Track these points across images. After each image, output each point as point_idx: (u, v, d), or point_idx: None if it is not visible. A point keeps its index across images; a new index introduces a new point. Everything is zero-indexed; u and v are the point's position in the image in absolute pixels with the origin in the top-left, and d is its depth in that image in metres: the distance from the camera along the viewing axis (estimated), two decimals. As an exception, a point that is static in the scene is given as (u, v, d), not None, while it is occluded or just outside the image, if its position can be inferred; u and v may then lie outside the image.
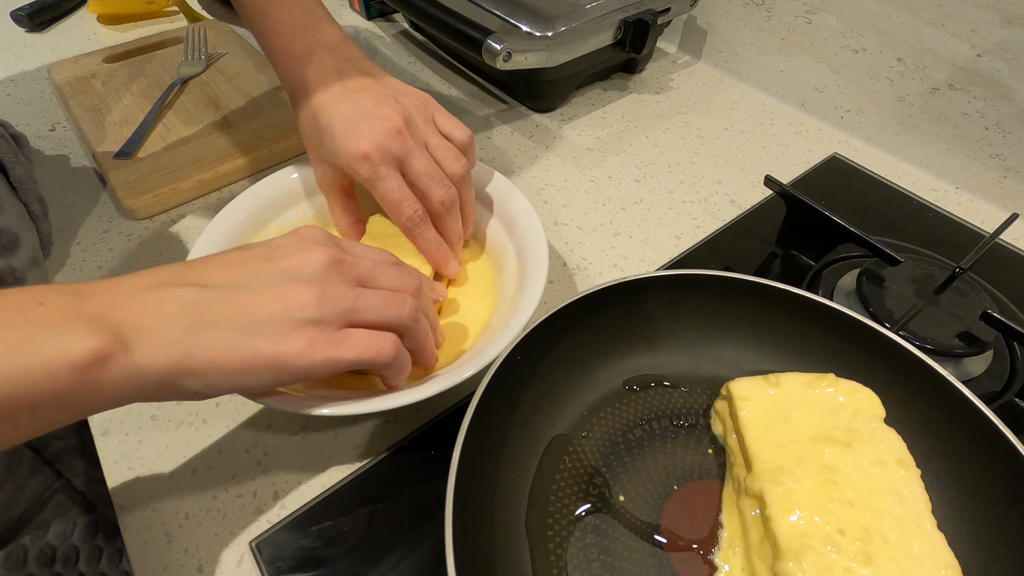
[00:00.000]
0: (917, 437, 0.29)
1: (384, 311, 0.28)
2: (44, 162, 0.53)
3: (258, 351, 0.24)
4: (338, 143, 0.35)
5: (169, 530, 0.32)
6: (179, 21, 0.72)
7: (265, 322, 0.25)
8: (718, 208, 0.51)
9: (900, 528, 0.25)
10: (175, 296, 0.24)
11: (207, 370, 0.24)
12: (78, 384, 0.21)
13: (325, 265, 0.27)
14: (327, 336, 0.26)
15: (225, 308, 0.25)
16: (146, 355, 0.23)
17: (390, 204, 0.36)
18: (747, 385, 0.30)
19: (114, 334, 0.22)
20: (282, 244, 0.28)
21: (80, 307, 0.22)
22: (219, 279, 0.26)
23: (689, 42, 0.69)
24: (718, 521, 0.28)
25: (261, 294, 0.25)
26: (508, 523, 0.28)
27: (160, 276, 0.25)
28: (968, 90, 0.50)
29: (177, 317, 0.24)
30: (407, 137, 0.36)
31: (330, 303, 0.26)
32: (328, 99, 0.37)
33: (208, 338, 0.24)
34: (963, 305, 0.40)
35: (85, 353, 0.21)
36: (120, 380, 0.22)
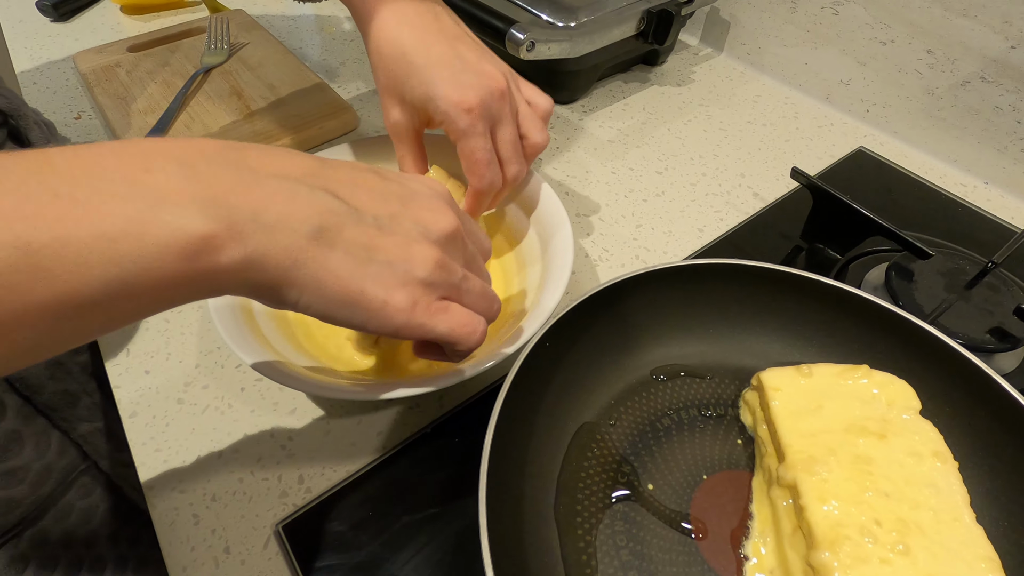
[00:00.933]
0: (954, 430, 0.29)
1: (480, 301, 0.27)
2: (70, 149, 0.53)
3: (365, 290, 0.23)
4: (438, 87, 0.34)
5: (196, 511, 0.32)
6: (201, 11, 0.73)
7: (383, 265, 0.23)
8: (741, 201, 0.51)
9: (937, 520, 0.24)
10: (305, 197, 0.22)
11: (310, 287, 0.22)
12: (185, 271, 0.19)
13: (451, 234, 0.26)
14: (429, 302, 0.25)
15: (352, 233, 0.23)
16: (260, 252, 0.21)
17: (476, 163, 0.35)
18: (779, 375, 0.30)
19: (229, 222, 0.20)
20: (419, 192, 0.26)
21: (195, 181, 0.20)
22: (353, 199, 0.24)
23: (711, 34, 0.68)
24: (748, 511, 0.28)
25: (390, 236, 0.24)
26: (537, 510, 0.27)
27: (287, 164, 0.23)
28: (1000, 83, 0.49)
29: (303, 221, 0.22)
30: (507, 101, 0.35)
31: (445, 272, 0.25)
32: (425, 38, 0.35)
33: (326, 256, 0.22)
34: (995, 300, 0.39)
35: (196, 238, 0.19)
36: (227, 271, 0.20)
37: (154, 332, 0.40)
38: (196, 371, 0.38)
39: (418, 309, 0.24)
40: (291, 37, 0.69)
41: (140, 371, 0.38)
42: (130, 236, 0.18)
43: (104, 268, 0.18)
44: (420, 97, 0.35)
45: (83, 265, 0.18)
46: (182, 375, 0.37)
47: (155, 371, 0.38)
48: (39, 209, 0.17)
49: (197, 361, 0.38)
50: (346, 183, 0.24)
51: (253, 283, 0.22)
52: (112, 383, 0.37)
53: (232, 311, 0.33)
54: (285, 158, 0.23)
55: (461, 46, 0.35)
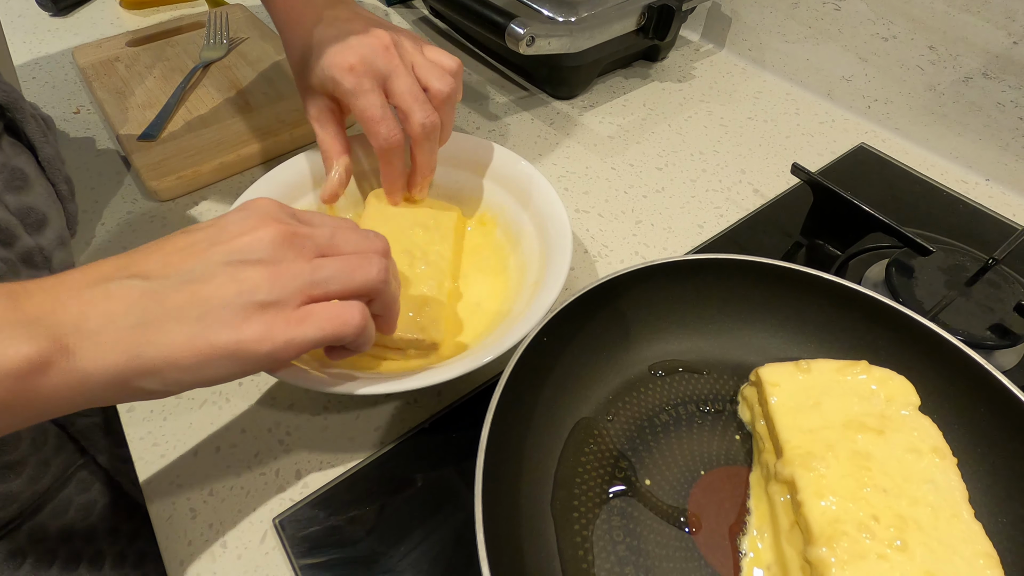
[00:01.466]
0: (953, 427, 0.28)
1: (349, 277, 0.26)
2: (69, 144, 0.53)
3: (214, 342, 0.23)
4: (324, 58, 0.35)
5: (194, 506, 0.32)
6: (200, 6, 0.73)
7: (219, 310, 0.23)
8: (741, 197, 0.51)
9: (935, 516, 0.24)
10: (118, 291, 0.22)
11: (162, 368, 0.22)
12: (16, 393, 0.20)
13: (276, 241, 0.25)
14: (285, 317, 0.24)
15: (174, 299, 0.23)
16: (90, 358, 0.21)
17: (369, 120, 0.35)
18: (777, 371, 0.29)
19: (53, 338, 0.20)
20: (229, 223, 0.25)
21: (16, 309, 0.21)
22: (164, 269, 0.24)
23: (712, 30, 0.68)
24: (746, 507, 0.28)
25: (210, 281, 0.23)
26: (534, 504, 0.27)
27: (102, 270, 0.23)
28: (1003, 79, 0.49)
29: (123, 314, 0.22)
30: (394, 54, 0.35)
31: (284, 281, 0.24)
32: (319, 28, 0.37)
33: (159, 334, 0.22)
34: (996, 297, 0.39)
35: (21, 361, 0.20)
36: (64, 387, 0.21)
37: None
38: (194, 366, 0.38)
39: (276, 329, 0.24)
40: (291, 32, 0.69)
41: (138, 365, 0.37)
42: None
43: None
44: (315, 75, 0.36)
45: None
46: (180, 369, 0.37)
47: (153, 365, 0.38)
48: None
49: (195, 356, 0.38)
50: (153, 260, 0.24)
51: (101, 387, 0.22)
52: (110, 377, 0.37)
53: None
54: (100, 266, 0.24)
55: (351, 24, 0.37)
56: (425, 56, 0.38)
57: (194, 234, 0.25)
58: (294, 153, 0.44)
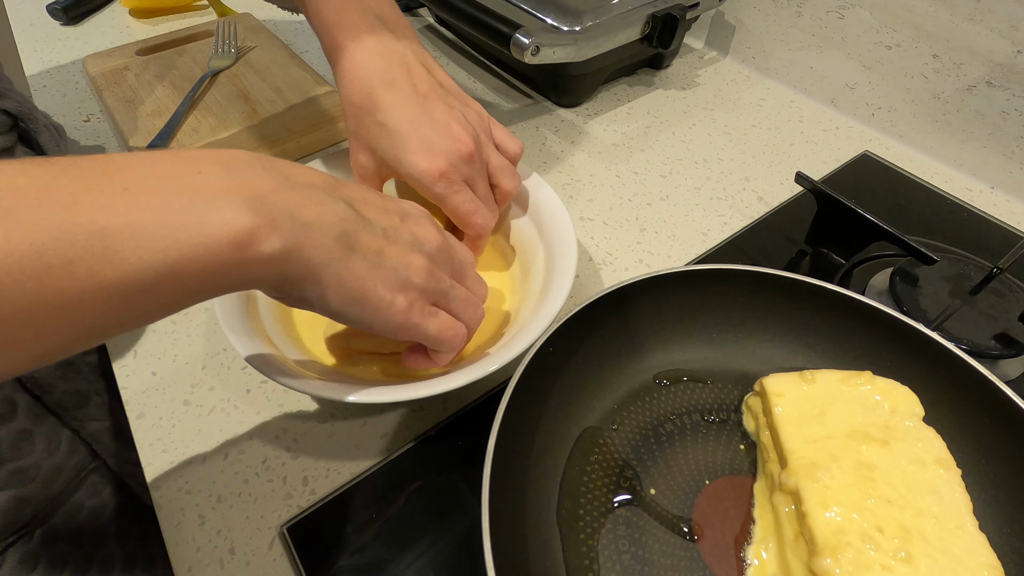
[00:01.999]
0: (957, 438, 0.29)
1: (465, 309, 0.31)
2: (79, 152, 0.54)
3: (377, 290, 0.26)
4: (409, 155, 0.35)
5: (202, 512, 0.32)
6: (208, 15, 0.73)
7: (390, 270, 0.27)
8: (745, 205, 0.51)
9: (940, 527, 0.24)
10: (331, 204, 0.25)
11: (330, 284, 0.25)
12: (232, 259, 0.22)
13: (439, 247, 0.29)
14: (423, 305, 0.28)
15: (368, 240, 0.26)
16: (297, 246, 0.23)
17: (464, 215, 0.37)
18: (781, 381, 0.30)
19: (271, 217, 0.22)
20: (410, 211, 0.30)
21: (239, 184, 0.23)
22: (366, 211, 0.27)
23: (716, 38, 0.68)
24: (750, 516, 0.28)
25: (394, 245, 0.27)
26: (539, 513, 0.28)
27: (312, 176, 0.26)
28: (1007, 87, 0.49)
29: (331, 225, 0.25)
30: (476, 163, 0.36)
31: (435, 280, 0.29)
32: (395, 97, 0.35)
33: (348, 257, 0.25)
34: (1000, 306, 0.39)
35: (244, 230, 0.21)
36: (267, 261, 0.23)
37: (161, 334, 0.40)
38: (202, 373, 0.38)
39: (414, 311, 0.28)
40: (298, 41, 0.69)
41: (147, 372, 0.38)
42: (188, 226, 0.21)
43: (165, 253, 0.20)
44: (390, 158, 0.36)
45: (147, 250, 0.20)
46: (188, 377, 0.38)
47: (162, 372, 0.38)
48: (111, 201, 0.20)
49: (203, 363, 0.39)
50: (358, 198, 0.27)
51: (287, 275, 0.24)
52: (119, 384, 0.37)
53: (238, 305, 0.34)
54: (308, 171, 0.26)
55: (431, 104, 0.36)
56: (493, 140, 0.39)
57: (385, 202, 0.29)
58: (302, 161, 0.45)
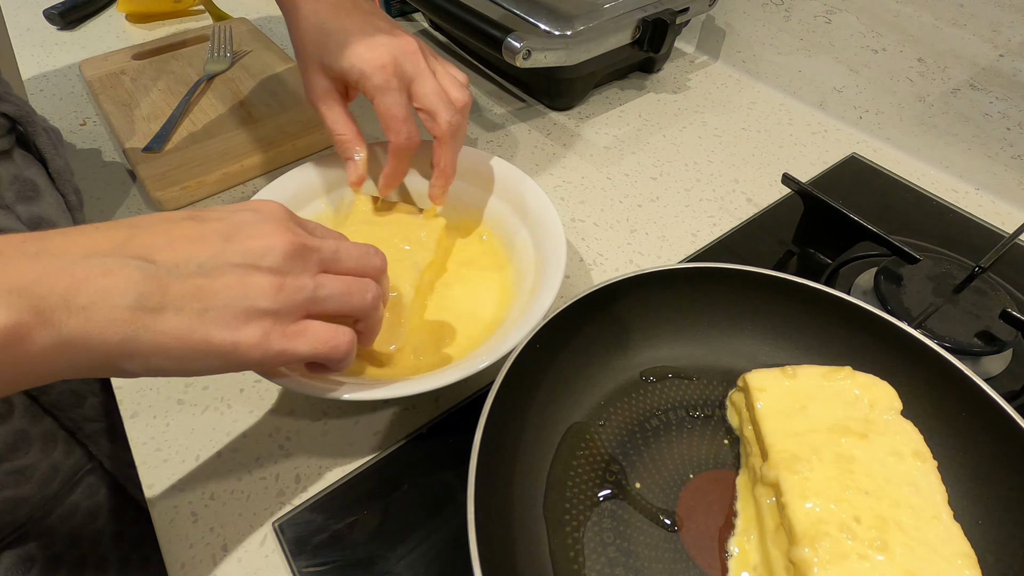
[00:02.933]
0: (935, 431, 0.29)
1: (347, 300, 0.27)
2: (76, 156, 0.54)
3: (211, 338, 0.23)
4: (353, 47, 0.36)
5: (195, 509, 0.32)
6: (204, 20, 0.74)
7: (221, 309, 0.23)
8: (735, 206, 0.52)
9: (916, 517, 0.25)
10: (119, 271, 0.22)
11: (150, 354, 0.22)
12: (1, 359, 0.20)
13: (287, 252, 0.25)
14: (283, 328, 0.25)
15: (177, 289, 0.23)
16: (79, 333, 0.21)
17: (393, 118, 0.36)
18: (764, 376, 0.30)
19: (36, 310, 0.20)
20: (243, 222, 0.25)
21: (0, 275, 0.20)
22: (171, 254, 0.23)
23: (707, 42, 0.69)
24: (733, 509, 0.29)
25: (219, 278, 0.23)
26: (526, 507, 0.28)
27: (98, 242, 0.23)
28: (990, 90, 0.50)
29: (121, 294, 0.21)
30: (420, 59, 0.37)
31: (289, 294, 0.25)
32: (339, 12, 0.37)
33: (157, 321, 0.22)
34: (982, 304, 0.40)
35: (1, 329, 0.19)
36: (43, 356, 0.20)
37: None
38: (197, 372, 0.38)
39: (272, 339, 0.24)
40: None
41: (142, 372, 0.38)
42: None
43: None
44: (338, 61, 0.36)
45: None
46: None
47: (157, 372, 0.38)
48: None
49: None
50: (160, 242, 0.24)
51: (82, 363, 0.22)
52: (114, 384, 0.38)
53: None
54: (91, 235, 0.23)
55: (373, 19, 0.37)
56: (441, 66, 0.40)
57: (205, 223, 0.25)
58: (296, 164, 0.45)
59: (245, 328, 0.24)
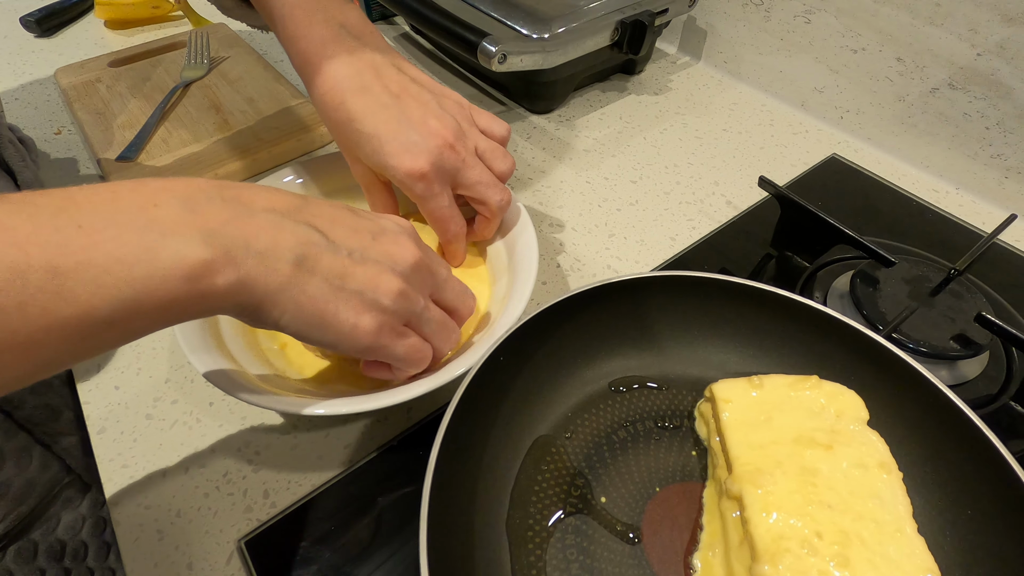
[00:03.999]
0: (902, 441, 0.29)
1: (439, 334, 0.31)
2: (50, 165, 0.54)
3: (339, 313, 0.26)
4: (389, 157, 0.35)
5: (161, 527, 0.32)
6: (184, 26, 0.74)
7: (354, 292, 0.26)
8: (714, 209, 0.51)
9: (879, 531, 0.24)
10: (290, 229, 0.25)
11: (289, 308, 0.25)
12: (188, 292, 0.22)
13: (415, 266, 0.29)
14: (392, 327, 0.28)
15: (329, 262, 0.26)
16: (250, 275, 0.24)
17: (438, 220, 0.37)
18: (730, 387, 0.30)
19: (225, 249, 0.23)
20: (387, 228, 0.29)
21: (194, 213, 0.23)
22: (331, 232, 0.27)
23: (689, 43, 0.69)
24: (699, 523, 0.28)
25: (361, 266, 0.27)
26: (488, 523, 0.28)
27: (275, 201, 0.26)
28: (968, 90, 0.49)
29: (288, 250, 0.25)
30: (459, 151, 0.36)
31: (407, 301, 0.28)
32: (368, 103, 0.35)
33: (306, 281, 0.25)
34: (958, 307, 0.39)
35: (198, 263, 0.22)
36: (223, 292, 0.23)
37: (125, 347, 0.40)
38: (166, 386, 0.38)
39: (383, 333, 0.28)
40: (272, 51, 0.70)
41: (110, 386, 0.38)
42: (143, 261, 0.21)
43: (120, 289, 0.21)
44: (375, 164, 0.36)
45: (102, 286, 0.20)
46: (152, 390, 0.38)
47: (125, 386, 0.38)
48: (66, 238, 0.20)
49: (167, 376, 0.39)
50: (325, 219, 0.27)
51: (243, 303, 0.24)
52: (82, 399, 0.37)
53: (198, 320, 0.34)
54: (273, 195, 0.26)
55: (405, 104, 0.36)
56: (477, 126, 0.39)
57: (359, 219, 0.29)
58: (273, 171, 0.45)
59: (367, 315, 0.27)
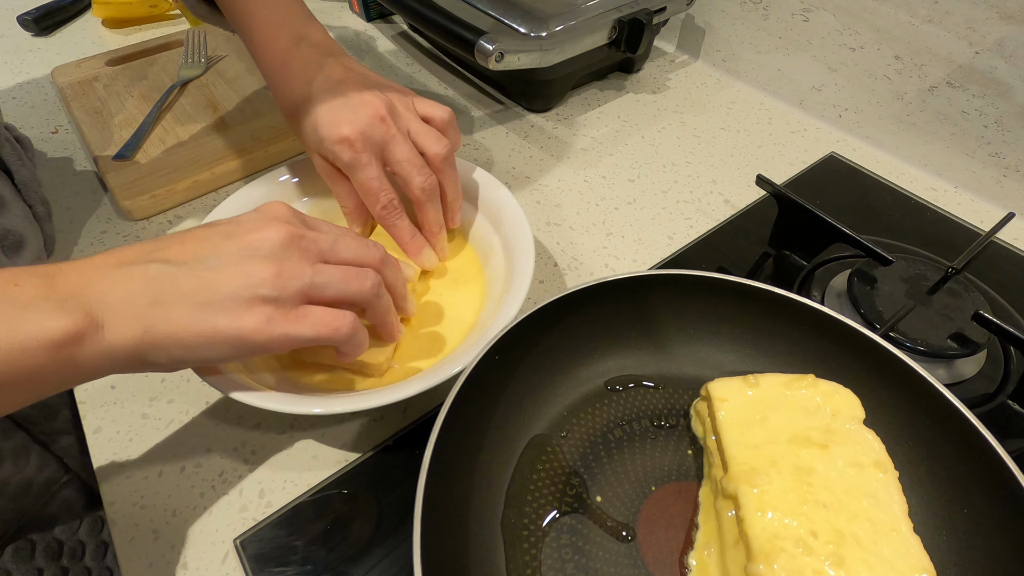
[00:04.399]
0: (898, 440, 0.29)
1: (344, 287, 0.28)
2: (47, 164, 0.54)
3: (216, 326, 0.25)
4: (321, 129, 0.36)
5: (156, 527, 0.32)
6: (182, 24, 0.73)
7: (225, 298, 0.26)
8: (712, 208, 0.51)
9: (874, 531, 0.24)
10: (140, 273, 0.25)
11: (168, 344, 0.25)
12: (55, 361, 0.23)
13: (284, 241, 0.27)
14: (284, 313, 0.26)
15: (186, 283, 0.25)
16: (114, 330, 0.24)
17: (367, 192, 0.37)
18: (726, 386, 0.30)
19: (85, 312, 0.23)
20: (244, 220, 0.28)
21: (53, 287, 0.23)
22: (183, 255, 0.26)
23: (687, 41, 0.69)
24: (694, 522, 0.28)
25: (221, 270, 0.26)
26: (483, 523, 0.28)
27: (127, 254, 0.26)
28: (966, 88, 0.49)
29: (141, 293, 0.25)
30: (390, 123, 0.36)
31: (287, 280, 0.27)
32: (311, 91, 0.37)
33: (169, 313, 0.25)
34: (955, 306, 0.39)
35: (60, 332, 0.22)
36: (94, 355, 0.24)
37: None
38: (162, 385, 0.38)
39: (274, 323, 0.26)
40: (270, 49, 0.69)
41: (106, 385, 0.38)
42: (3, 336, 0.21)
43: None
44: (315, 144, 0.37)
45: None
46: (148, 389, 0.38)
47: (121, 386, 0.38)
48: None
49: (163, 375, 0.39)
50: (174, 247, 0.27)
51: (122, 358, 0.25)
52: (77, 398, 0.37)
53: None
54: (123, 250, 0.26)
55: (342, 86, 0.37)
56: (417, 112, 0.39)
57: (214, 227, 0.28)
58: (269, 170, 0.45)
59: (248, 314, 0.26)
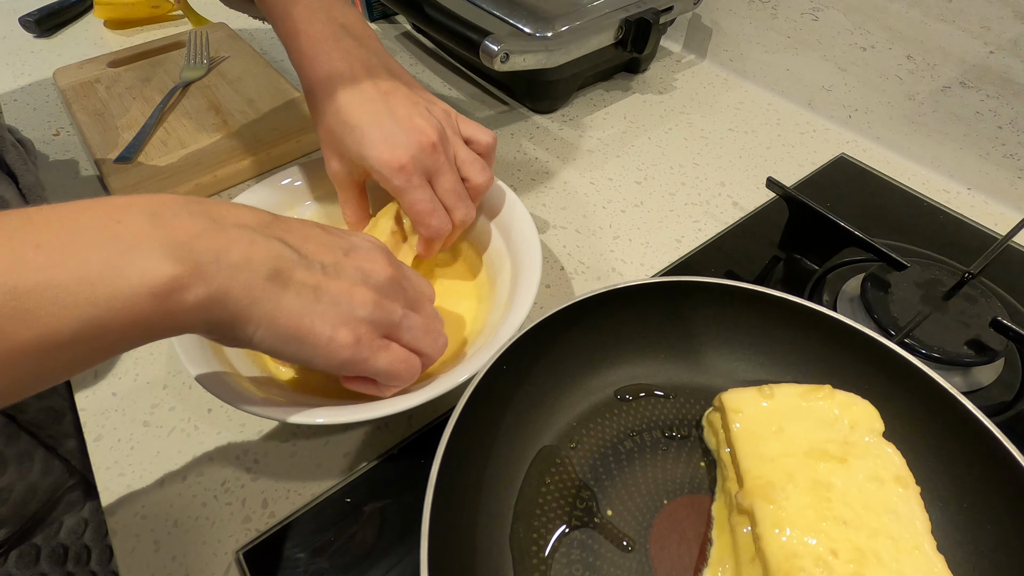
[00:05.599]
0: (918, 453, 0.28)
1: (423, 338, 0.30)
2: (49, 167, 0.53)
3: (315, 327, 0.26)
4: (370, 148, 0.35)
5: (158, 537, 0.32)
6: (184, 25, 0.73)
7: (329, 305, 0.26)
8: (720, 211, 0.50)
9: (896, 549, 0.24)
10: (262, 243, 0.25)
11: (264, 324, 0.25)
12: (155, 310, 0.21)
13: (389, 279, 0.29)
14: (371, 339, 0.28)
15: (302, 276, 0.26)
16: (222, 290, 0.23)
17: (419, 214, 0.36)
18: (740, 396, 0.29)
19: (195, 263, 0.22)
20: (359, 245, 0.29)
21: (161, 227, 0.22)
22: (303, 247, 0.27)
23: (694, 41, 0.68)
24: (708, 537, 0.28)
25: (336, 280, 0.27)
26: (491, 538, 0.27)
27: (245, 216, 0.26)
28: (980, 88, 0.48)
29: (260, 264, 0.24)
30: (440, 153, 0.36)
31: (384, 312, 0.28)
32: (357, 97, 0.36)
33: (280, 295, 0.25)
34: (972, 312, 0.38)
35: (166, 279, 0.21)
36: (193, 309, 0.22)
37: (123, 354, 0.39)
38: (164, 392, 0.38)
39: (361, 345, 0.27)
40: (273, 50, 0.69)
41: (107, 393, 0.37)
42: (106, 279, 0.20)
43: (82, 309, 0.20)
44: (355, 155, 0.36)
45: (63, 307, 0.19)
46: (149, 397, 0.37)
47: (122, 393, 0.37)
48: (23, 258, 0.19)
49: (165, 382, 0.38)
50: (296, 235, 0.27)
51: (215, 320, 0.24)
52: (78, 405, 0.37)
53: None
54: (241, 211, 0.26)
55: (392, 101, 0.36)
56: (461, 133, 0.39)
57: (330, 235, 0.29)
58: (271, 173, 0.44)
59: (343, 329, 0.26)
